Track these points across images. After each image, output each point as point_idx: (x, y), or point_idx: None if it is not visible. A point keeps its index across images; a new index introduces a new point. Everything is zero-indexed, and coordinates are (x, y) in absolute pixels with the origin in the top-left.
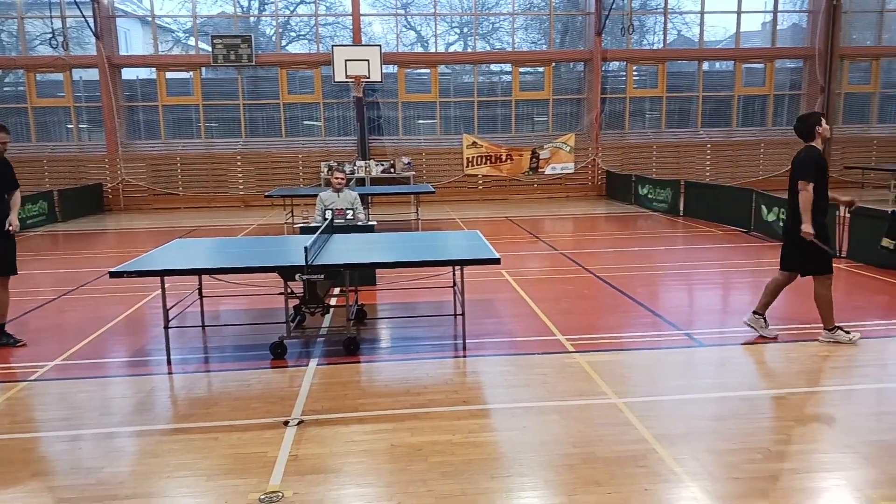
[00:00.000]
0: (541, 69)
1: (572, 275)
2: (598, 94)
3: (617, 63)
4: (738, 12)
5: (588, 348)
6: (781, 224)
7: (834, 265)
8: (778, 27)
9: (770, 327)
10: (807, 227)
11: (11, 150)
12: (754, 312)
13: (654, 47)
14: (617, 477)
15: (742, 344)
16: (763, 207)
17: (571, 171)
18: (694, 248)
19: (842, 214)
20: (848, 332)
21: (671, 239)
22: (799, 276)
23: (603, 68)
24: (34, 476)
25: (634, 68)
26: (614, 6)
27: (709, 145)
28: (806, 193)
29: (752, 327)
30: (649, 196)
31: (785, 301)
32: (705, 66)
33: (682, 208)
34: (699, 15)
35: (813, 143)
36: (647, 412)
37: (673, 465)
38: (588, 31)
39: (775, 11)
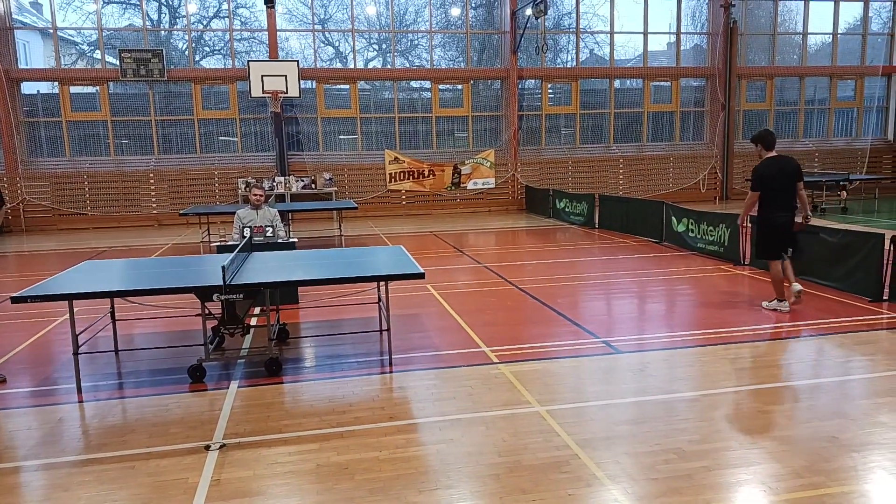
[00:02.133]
0: (459, 86)
1: (496, 287)
2: (516, 110)
3: (533, 81)
4: (645, 33)
5: (512, 359)
6: (690, 234)
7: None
8: (682, 47)
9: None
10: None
11: None
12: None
13: (568, 65)
14: (542, 483)
15: (658, 350)
16: (673, 218)
17: (492, 186)
18: (610, 259)
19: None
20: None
21: (588, 250)
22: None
23: (519, 86)
24: None
25: (549, 86)
26: (529, 25)
27: (621, 160)
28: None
29: (777, 310)
30: (566, 209)
31: (696, 310)
32: (616, 83)
33: (597, 221)
34: (609, 35)
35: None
36: (571, 419)
37: (594, 469)
38: (504, 49)
39: (678, 33)
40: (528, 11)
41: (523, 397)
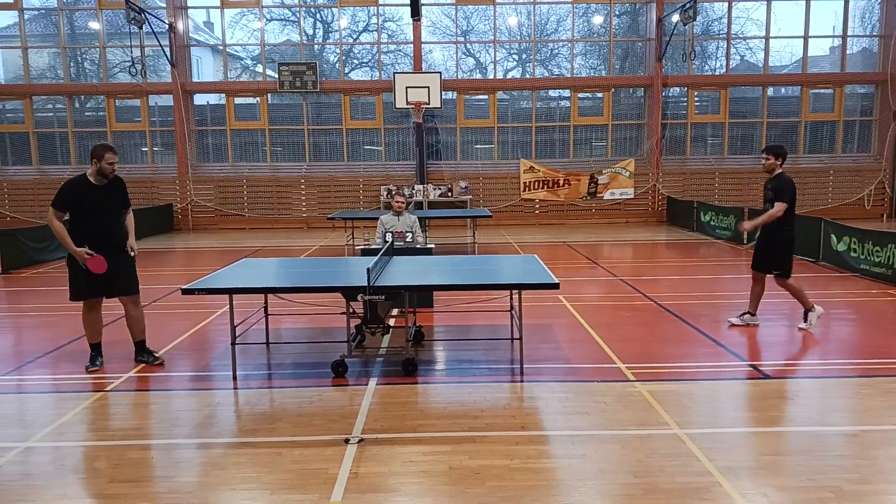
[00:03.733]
0: (600, 94)
1: (632, 301)
2: (659, 119)
3: (678, 89)
4: (805, 37)
5: (649, 377)
6: (853, 254)
7: None
8: (847, 52)
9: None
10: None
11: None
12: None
13: (717, 72)
14: None
15: (810, 378)
16: (833, 236)
17: (631, 196)
18: None
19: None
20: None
21: (735, 267)
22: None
23: (663, 94)
24: (111, 482)
25: (696, 94)
26: (675, 32)
27: None
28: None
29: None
30: (712, 223)
31: (856, 337)
32: (770, 91)
33: (745, 236)
34: (763, 40)
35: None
36: (712, 444)
37: (738, 499)
38: (648, 56)
39: (844, 35)
40: (676, 18)
41: (661, 418)
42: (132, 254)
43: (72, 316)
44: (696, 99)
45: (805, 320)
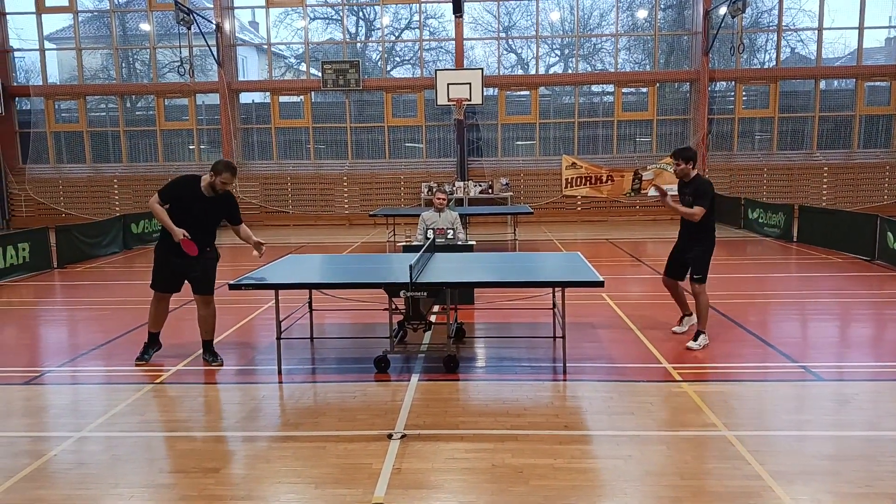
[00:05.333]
0: (644, 89)
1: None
2: (705, 114)
3: (725, 83)
4: (861, 28)
5: (696, 377)
6: None
7: None
8: None
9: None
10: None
11: (140, 168)
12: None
13: (766, 66)
14: None
15: (864, 380)
16: (889, 234)
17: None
18: (809, 277)
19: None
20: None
21: (784, 266)
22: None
23: (710, 88)
24: (161, 472)
25: (744, 88)
26: (723, 25)
27: (826, 168)
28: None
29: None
30: (760, 220)
31: None
32: (822, 84)
33: (795, 234)
34: (816, 31)
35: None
36: (761, 447)
37: None
38: (695, 50)
39: None
40: (723, 10)
41: (708, 419)
42: (262, 250)
43: (124, 310)
44: (744, 93)
45: (695, 339)
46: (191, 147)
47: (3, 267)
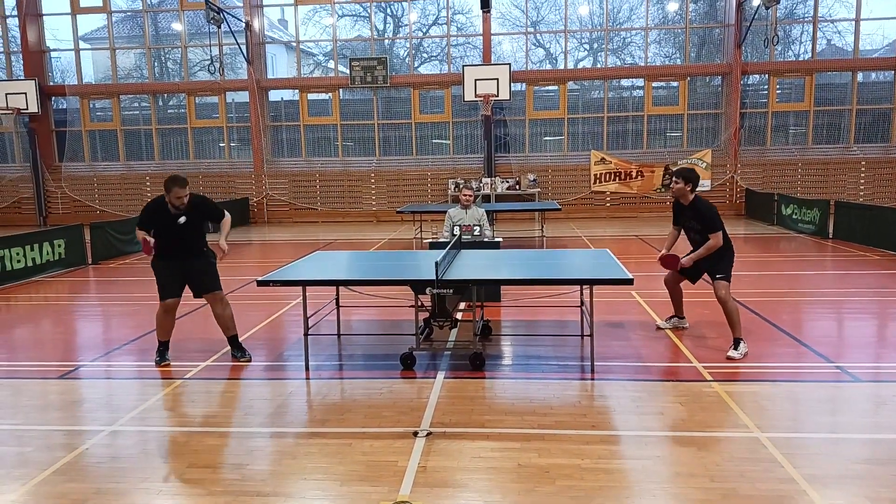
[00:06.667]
0: (675, 83)
1: (709, 299)
2: (738, 108)
3: (758, 76)
4: None
5: (727, 377)
6: None
7: None
8: None
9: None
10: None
11: (172, 166)
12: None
13: (801, 58)
14: None
15: None
16: None
17: (708, 188)
18: (846, 274)
19: None
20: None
21: (819, 263)
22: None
23: (742, 82)
24: (189, 467)
25: (778, 81)
26: (756, 17)
27: (863, 162)
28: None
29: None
30: (794, 216)
31: None
32: (860, 76)
33: (831, 230)
34: (853, 22)
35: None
36: (795, 450)
37: None
38: (727, 43)
39: None
40: (757, 1)
41: (740, 420)
42: (222, 253)
43: (155, 306)
44: (778, 86)
45: (735, 348)
46: (221, 144)
47: (40, 263)
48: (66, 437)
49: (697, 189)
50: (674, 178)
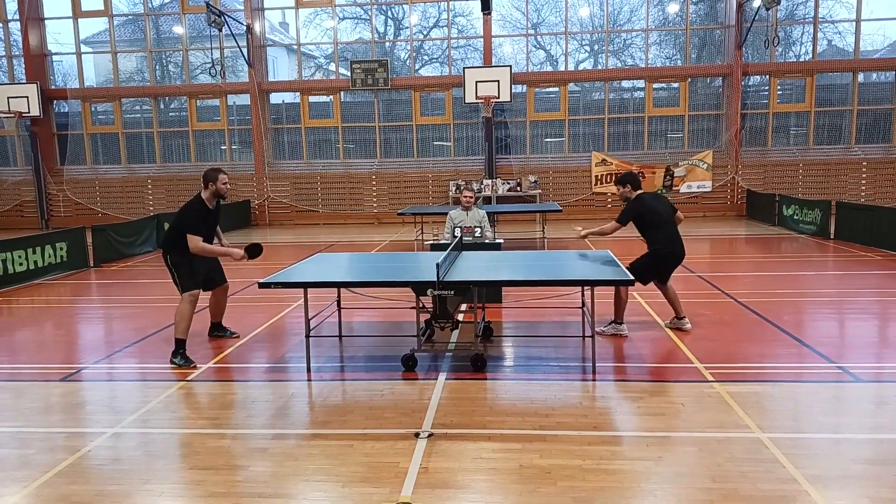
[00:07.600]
0: (675, 85)
1: (710, 299)
2: (738, 109)
3: (759, 77)
4: None
5: (729, 378)
6: None
7: None
8: None
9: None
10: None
11: (174, 169)
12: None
13: (802, 59)
14: None
15: None
16: None
17: (709, 189)
18: (847, 274)
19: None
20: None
21: (821, 263)
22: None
23: (743, 82)
24: (191, 469)
25: (778, 82)
26: (757, 18)
27: (864, 163)
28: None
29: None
30: (795, 217)
31: None
32: (860, 77)
33: (833, 231)
34: (854, 23)
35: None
36: (797, 450)
37: None
38: (728, 44)
39: None
40: (757, 3)
41: (742, 421)
42: (241, 254)
43: (156, 308)
44: (779, 87)
45: (608, 325)
46: (222, 147)
47: (42, 266)
48: (68, 440)
49: (698, 189)
50: (618, 187)
